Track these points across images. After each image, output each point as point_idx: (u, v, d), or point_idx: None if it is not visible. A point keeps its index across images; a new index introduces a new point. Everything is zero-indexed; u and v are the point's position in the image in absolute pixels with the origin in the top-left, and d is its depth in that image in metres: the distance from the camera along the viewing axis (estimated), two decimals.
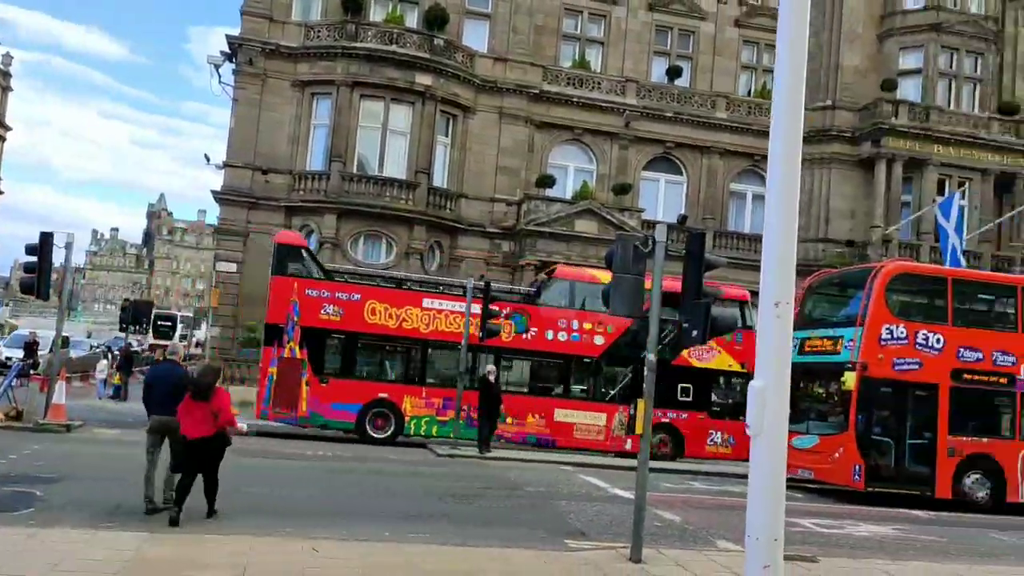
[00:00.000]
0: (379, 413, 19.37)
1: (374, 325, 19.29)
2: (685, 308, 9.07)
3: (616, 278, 9.49)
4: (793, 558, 9.42)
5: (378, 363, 20.53)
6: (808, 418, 17.54)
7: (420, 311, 19.58)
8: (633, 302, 9.53)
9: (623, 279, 9.44)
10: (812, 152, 32.97)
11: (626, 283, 9.46)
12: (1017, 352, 16.63)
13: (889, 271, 16.80)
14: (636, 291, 9.53)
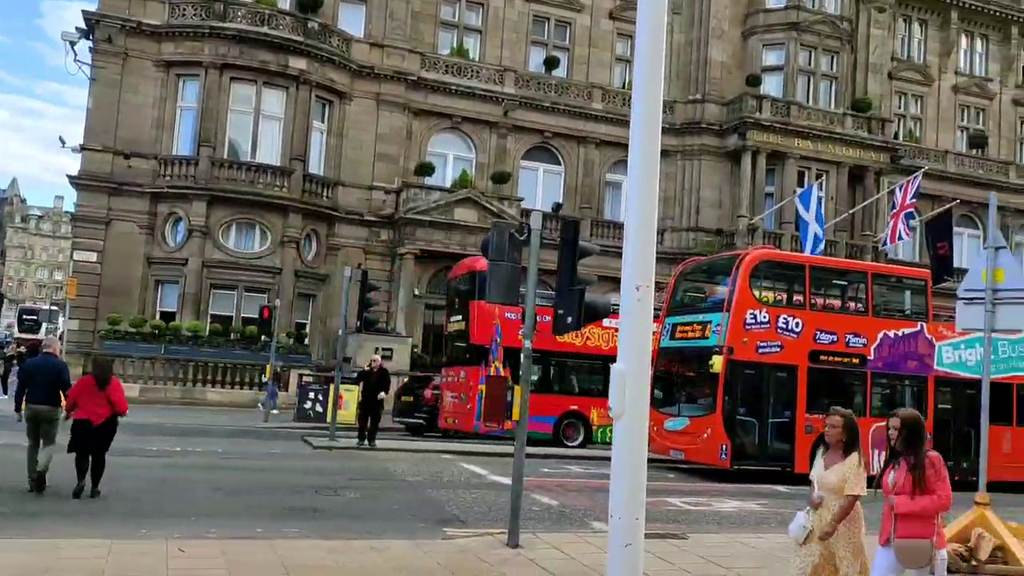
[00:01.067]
0: (570, 424, 20.85)
1: (563, 344, 19.19)
2: (560, 295, 9.18)
3: (492, 266, 9.51)
4: (664, 535, 9.74)
5: (568, 378, 21.79)
6: (680, 401, 18.17)
7: (601, 330, 19.90)
8: (509, 289, 9.58)
9: (499, 267, 9.47)
10: (683, 144, 34.16)
11: (502, 270, 9.49)
12: (868, 334, 17.71)
13: (752, 258, 17.55)
14: (512, 279, 9.58)
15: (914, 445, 5.43)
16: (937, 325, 18.36)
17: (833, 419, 5.86)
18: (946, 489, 5.33)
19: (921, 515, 5.26)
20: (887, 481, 5.47)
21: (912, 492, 5.30)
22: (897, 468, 5.45)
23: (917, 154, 36.95)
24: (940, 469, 5.38)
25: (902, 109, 38.32)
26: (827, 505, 5.67)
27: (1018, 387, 18.72)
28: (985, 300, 9.49)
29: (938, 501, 5.30)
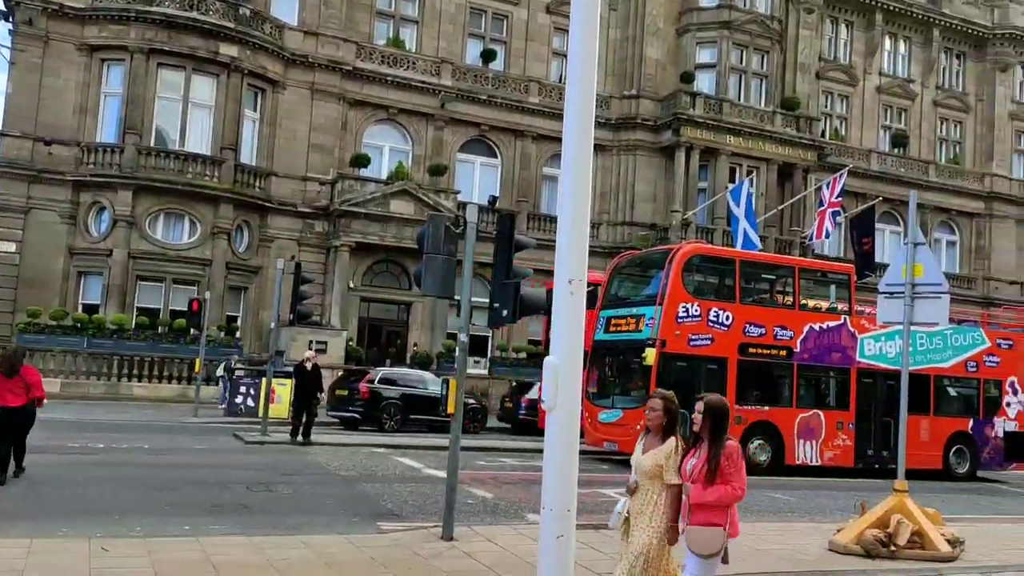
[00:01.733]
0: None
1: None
2: (495, 288, 9.19)
3: (427, 258, 9.47)
4: (597, 526, 9.86)
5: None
6: (614, 393, 18.39)
7: None
8: (444, 282, 9.55)
9: (434, 259, 9.43)
10: (619, 139, 34.52)
11: (437, 263, 9.46)
12: (794, 327, 18.20)
13: (685, 253, 17.85)
14: (448, 271, 9.56)
15: (717, 433, 5.24)
16: (860, 318, 18.96)
17: (653, 402, 5.61)
18: (741, 480, 5.22)
19: (715, 505, 5.13)
20: (685, 468, 5.27)
21: (707, 481, 5.15)
22: (698, 455, 5.26)
23: (843, 152, 38.03)
24: (737, 460, 5.23)
25: (829, 108, 39.37)
26: (642, 491, 5.44)
27: (936, 378, 19.48)
28: (904, 294, 9.83)
29: (732, 492, 5.17)
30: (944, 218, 41.10)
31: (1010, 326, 23.08)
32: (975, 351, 19.96)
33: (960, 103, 42.10)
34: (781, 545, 9.50)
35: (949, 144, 42.23)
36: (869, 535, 9.24)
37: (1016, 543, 10.67)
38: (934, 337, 18.88)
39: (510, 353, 30.95)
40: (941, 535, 9.46)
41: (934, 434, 19.25)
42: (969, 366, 19.87)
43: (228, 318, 28.68)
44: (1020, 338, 21.34)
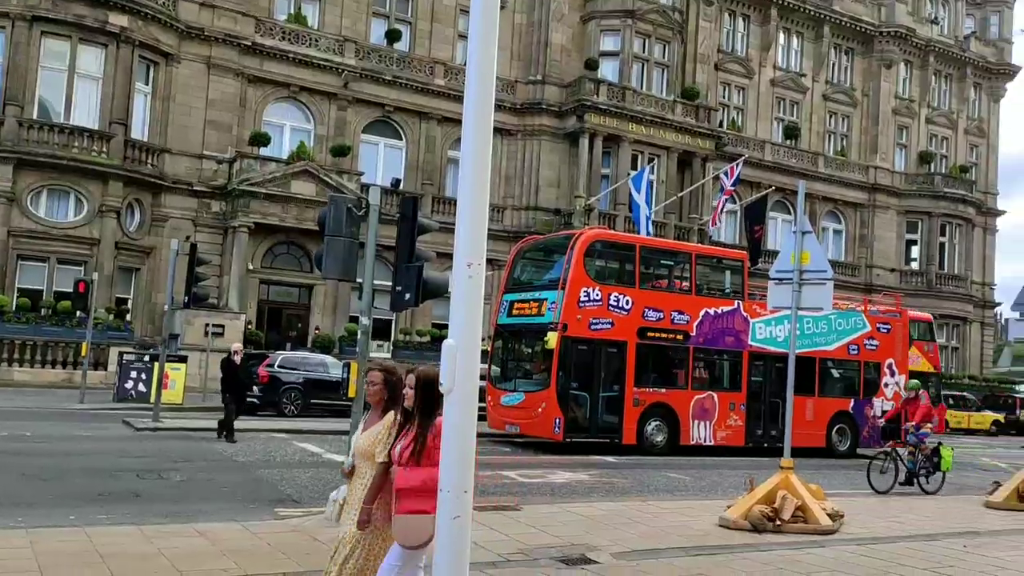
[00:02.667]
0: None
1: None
2: (398, 271, 9.14)
3: (328, 240, 9.33)
4: (499, 508, 9.98)
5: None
6: (516, 377, 18.56)
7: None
8: (346, 265, 9.43)
9: (336, 241, 9.30)
10: (524, 123, 34.67)
11: (339, 245, 9.33)
12: (691, 312, 18.76)
13: (587, 238, 18.13)
14: (349, 254, 9.44)
15: (428, 408, 4.64)
16: (752, 303, 19.69)
17: (372, 375, 5.01)
18: None
19: (423, 489, 4.44)
20: (394, 451, 4.68)
21: (415, 462, 4.56)
22: (410, 434, 4.67)
23: (739, 142, 39.28)
24: None
25: (726, 99, 40.56)
26: (359, 474, 4.88)
27: (820, 361, 20.43)
28: (793, 280, 10.27)
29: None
30: (831, 208, 43.01)
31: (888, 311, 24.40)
32: (857, 335, 21.03)
33: (848, 97, 44.02)
34: (674, 521, 9.82)
35: (837, 137, 44.15)
36: (757, 511, 9.64)
37: (890, 516, 11.34)
38: (820, 321, 19.77)
39: (414, 337, 30.82)
40: (823, 509, 9.96)
41: (818, 414, 20.21)
42: (851, 349, 20.93)
43: (118, 300, 27.52)
44: (897, 323, 22.59)
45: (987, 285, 47.35)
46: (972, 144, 48.30)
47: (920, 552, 8.90)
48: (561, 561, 7.55)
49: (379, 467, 4.74)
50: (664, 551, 8.23)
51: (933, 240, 43.99)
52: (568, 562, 7.54)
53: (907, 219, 44.39)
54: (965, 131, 47.76)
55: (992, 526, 10.91)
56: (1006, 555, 8.98)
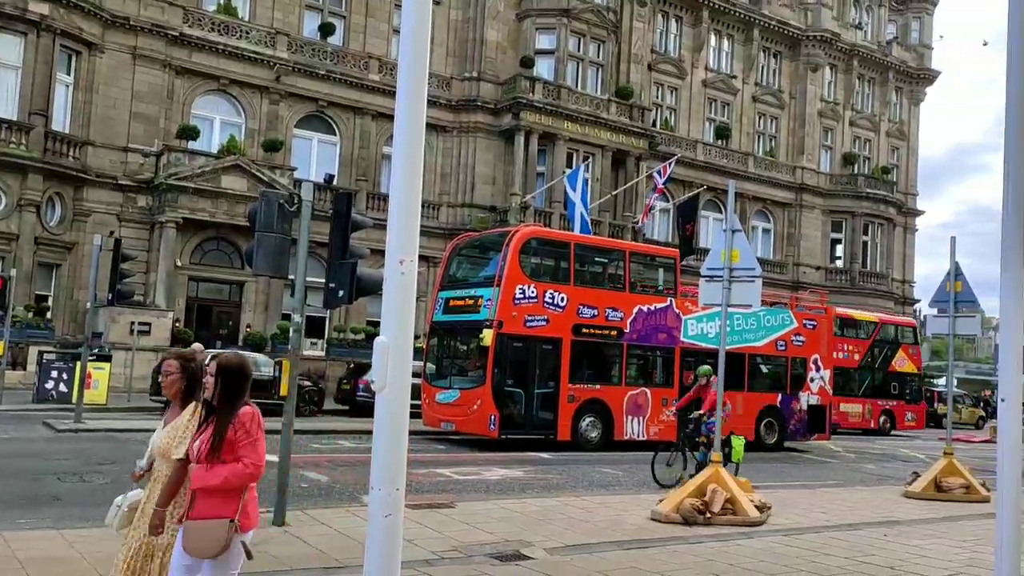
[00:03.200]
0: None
1: None
2: (332, 268, 9.02)
3: (259, 237, 9.15)
4: (433, 505, 9.96)
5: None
6: (451, 374, 18.53)
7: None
8: (277, 262, 9.26)
9: (267, 237, 9.13)
10: (459, 120, 34.57)
11: (270, 241, 9.16)
12: (625, 309, 18.99)
13: (522, 235, 18.20)
14: (281, 250, 9.27)
15: (229, 398, 4.18)
16: (684, 300, 20.03)
17: (167, 364, 4.61)
18: (257, 454, 4.14)
19: (222, 489, 4.03)
20: (192, 446, 4.18)
21: (212, 459, 4.06)
22: (208, 428, 4.18)
23: (672, 142, 39.87)
24: (253, 429, 4.17)
25: (660, 99, 41.12)
26: (160, 477, 4.38)
27: (750, 357, 20.90)
28: (723, 278, 10.49)
29: (243, 471, 4.07)
30: (760, 207, 43.99)
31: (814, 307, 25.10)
32: (784, 331, 21.59)
33: (776, 100, 45.08)
34: (608, 516, 9.94)
35: (766, 138, 45.18)
36: (688, 504, 9.83)
37: (815, 507, 11.67)
38: (749, 318, 20.25)
39: (348, 334, 30.47)
40: (751, 501, 10.20)
41: (747, 408, 20.67)
42: (779, 345, 21.47)
43: (37, 298, 26.53)
44: (822, 319, 23.26)
45: (907, 283, 49.07)
46: (893, 146, 49.97)
47: (843, 541, 9.18)
48: (495, 558, 7.57)
49: (175, 465, 4.25)
50: (598, 545, 8.32)
51: (857, 239, 45.37)
52: (502, 558, 7.56)
53: (832, 218, 45.67)
54: (887, 133, 49.38)
55: (911, 515, 11.33)
56: (924, 543, 9.33)
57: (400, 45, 2.87)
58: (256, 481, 4.17)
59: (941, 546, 9.16)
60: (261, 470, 4.14)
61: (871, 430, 30.30)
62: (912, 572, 7.81)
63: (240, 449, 4.10)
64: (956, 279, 13.61)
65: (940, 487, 13.19)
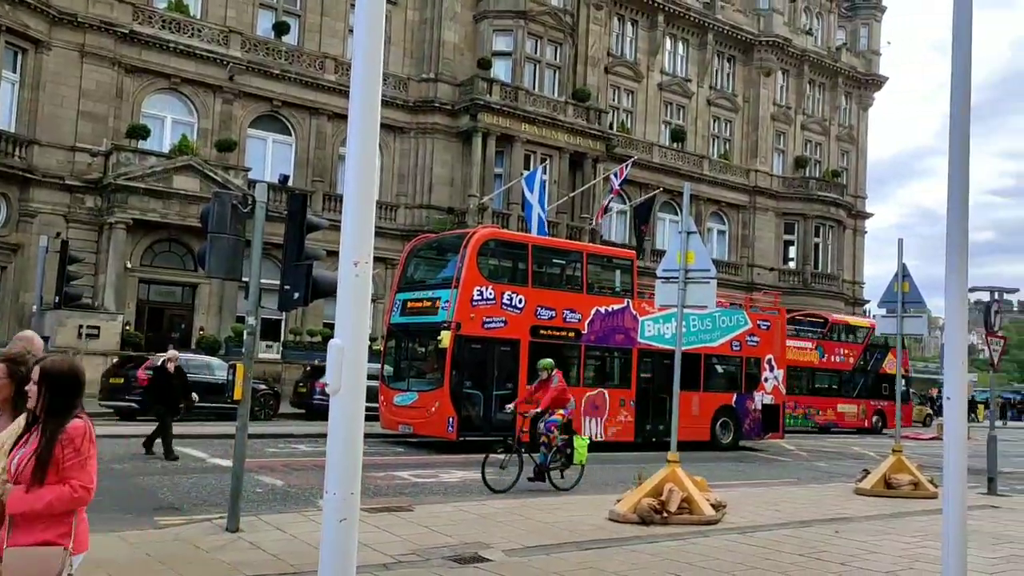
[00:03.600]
0: None
1: None
2: (287, 270, 8.92)
3: (212, 238, 9.01)
4: (391, 509, 9.89)
5: None
6: (409, 376, 18.45)
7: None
8: (230, 263, 9.13)
9: (219, 239, 8.99)
10: (417, 121, 34.46)
11: (223, 243, 9.02)
12: (582, 310, 19.08)
13: (480, 237, 18.19)
14: (234, 252, 9.15)
15: (56, 410, 3.63)
16: (641, 301, 20.18)
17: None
18: (87, 475, 3.59)
19: (47, 514, 3.51)
20: (11, 462, 3.60)
21: (35, 480, 3.50)
22: (31, 442, 3.62)
23: (628, 144, 40.18)
24: (84, 447, 3.61)
25: (616, 102, 41.41)
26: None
27: (705, 357, 21.14)
28: (679, 279, 10.58)
29: (71, 495, 3.53)
30: (715, 209, 44.55)
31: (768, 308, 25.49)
32: (739, 332, 21.89)
33: (730, 103, 45.70)
34: (566, 517, 9.96)
35: (721, 141, 45.77)
36: (645, 504, 9.89)
37: (769, 505, 11.84)
38: (705, 319, 20.48)
39: (304, 337, 30.16)
40: (707, 500, 10.31)
41: (703, 408, 20.91)
42: (734, 345, 21.76)
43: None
44: (776, 319, 23.63)
45: (857, 283, 50.08)
46: (843, 150, 50.97)
47: (796, 538, 9.33)
48: (454, 560, 7.54)
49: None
50: (556, 546, 8.34)
51: (808, 241, 46.18)
52: (461, 561, 7.54)
53: (785, 220, 46.43)
54: (837, 137, 50.36)
55: (861, 512, 11.54)
56: (874, 539, 9.51)
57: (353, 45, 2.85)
58: (86, 505, 3.63)
59: (890, 542, 9.35)
60: (91, 494, 3.60)
61: (864, 429, 31.33)
62: (862, 568, 7.96)
63: (68, 470, 3.55)
64: (903, 280, 13.91)
65: (889, 484, 13.47)
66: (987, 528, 10.53)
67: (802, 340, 32.13)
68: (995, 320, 17.67)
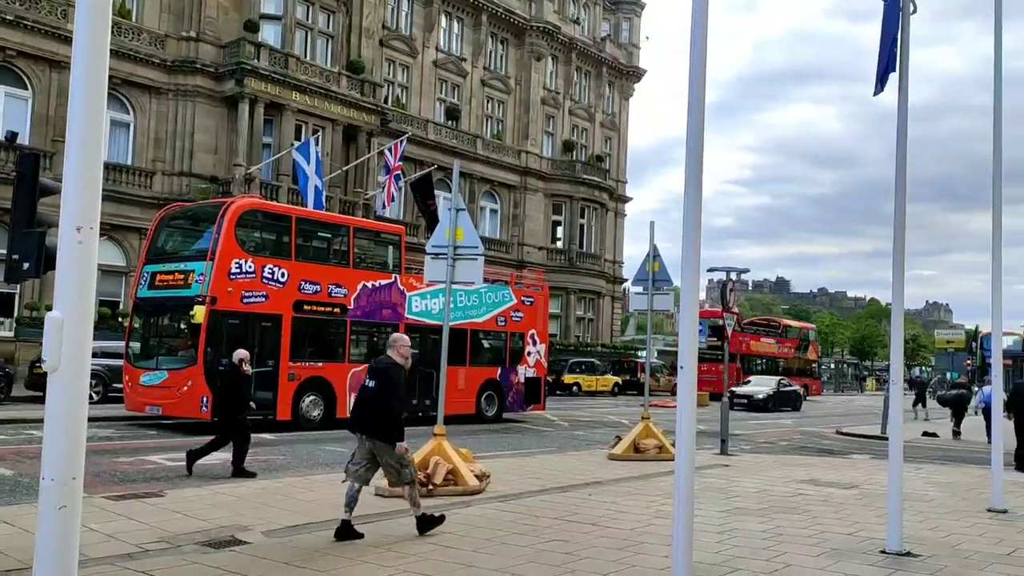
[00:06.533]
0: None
1: None
2: (15, 237, 8.02)
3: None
4: (139, 495, 9.28)
5: None
6: (159, 354, 17.36)
7: None
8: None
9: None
10: (176, 82, 32.19)
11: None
12: (349, 285, 18.81)
13: (239, 207, 17.36)
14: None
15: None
16: (409, 277, 20.25)
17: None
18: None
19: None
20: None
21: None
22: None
23: (403, 120, 40.00)
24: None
25: (391, 76, 41.03)
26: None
27: (472, 332, 21.63)
28: (448, 256, 10.73)
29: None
30: (488, 188, 45.58)
31: (533, 285, 26.54)
32: (504, 307, 22.60)
33: (503, 85, 46.80)
34: (330, 495, 9.83)
35: (494, 121, 46.80)
36: None
37: (530, 473, 12.39)
38: (471, 295, 20.94)
39: (43, 312, 27.35)
40: (471, 471, 10.59)
41: (469, 382, 21.41)
42: (499, 321, 22.45)
43: None
44: (539, 296, 24.66)
45: (617, 263, 53.41)
46: (607, 136, 53.96)
47: (553, 503, 9.84)
48: (208, 545, 7.21)
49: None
50: (318, 525, 8.20)
51: (575, 221, 48.51)
52: (216, 545, 7.22)
53: (553, 201, 48.42)
54: (601, 124, 53.19)
55: (612, 475, 12.39)
56: (622, 500, 10.25)
57: (76, 15, 2.58)
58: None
59: (635, 502, 10.11)
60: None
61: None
62: (610, 526, 8.55)
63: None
64: (654, 260, 15.00)
65: (638, 448, 14.54)
66: (719, 484, 11.69)
67: (769, 338, 50.76)
68: (731, 298, 19.55)
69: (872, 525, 8.84)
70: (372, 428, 7.60)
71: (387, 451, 7.65)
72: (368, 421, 7.62)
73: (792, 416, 33.37)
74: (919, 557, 7.44)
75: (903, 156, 8.36)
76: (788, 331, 53.55)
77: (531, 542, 7.70)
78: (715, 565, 6.91)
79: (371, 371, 7.93)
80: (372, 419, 7.59)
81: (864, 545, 7.91)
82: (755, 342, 49.45)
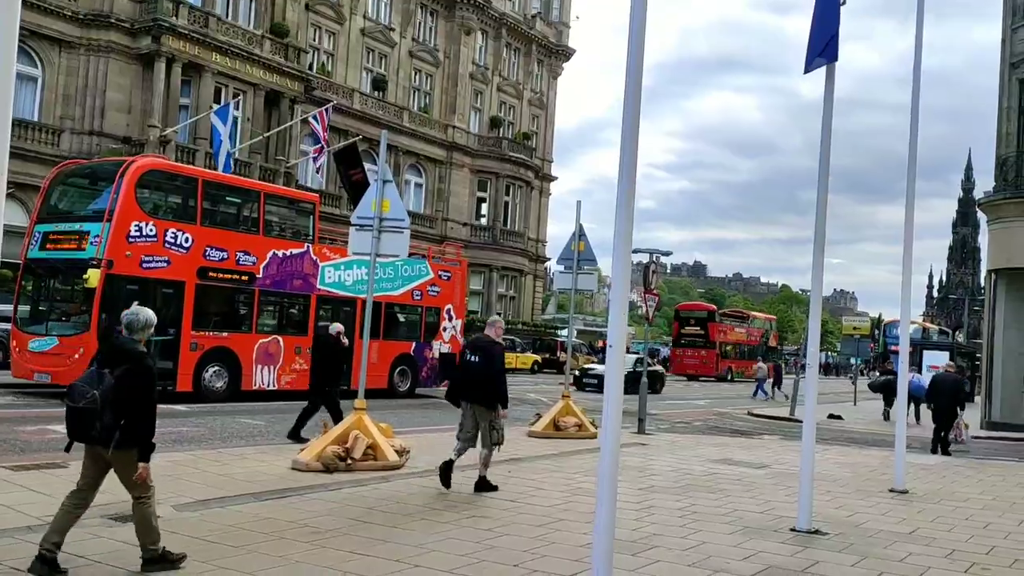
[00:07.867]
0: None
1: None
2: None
3: None
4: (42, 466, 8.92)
5: None
6: (49, 319, 16.63)
7: None
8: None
9: None
10: (88, 37, 30.71)
11: None
12: (258, 253, 18.26)
13: (140, 167, 16.64)
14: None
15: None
16: (322, 247, 19.81)
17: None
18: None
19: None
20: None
21: None
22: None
23: (328, 88, 39.08)
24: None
25: (317, 42, 39.98)
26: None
27: (387, 306, 21.31)
28: (373, 227, 10.52)
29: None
30: (414, 161, 45.05)
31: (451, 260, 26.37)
32: (421, 281, 22.36)
33: (432, 57, 46.17)
34: (246, 468, 9.60)
35: (421, 94, 46.18)
36: (330, 451, 9.83)
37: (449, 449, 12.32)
38: (387, 267, 20.60)
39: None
40: (391, 446, 10.48)
41: (382, 357, 21.08)
42: (415, 295, 22.20)
43: None
44: (457, 271, 24.49)
45: (540, 241, 53.60)
46: (534, 115, 53.89)
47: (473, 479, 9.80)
48: (113, 519, 6.93)
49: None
50: (233, 498, 7.99)
51: (500, 199, 48.41)
52: (122, 519, 6.93)
53: (479, 178, 48.17)
54: (529, 102, 53.07)
55: (532, 452, 12.44)
56: (540, 477, 10.30)
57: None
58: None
59: (554, 479, 10.18)
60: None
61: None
62: (529, 503, 8.57)
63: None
64: (579, 240, 15.07)
65: (558, 426, 14.66)
66: (635, 463, 11.87)
67: (741, 328, 57.85)
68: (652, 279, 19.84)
69: (783, 504, 9.11)
70: (480, 396, 8.91)
71: (489, 415, 8.89)
72: (476, 389, 8.92)
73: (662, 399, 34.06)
74: (827, 535, 7.70)
75: (827, 147, 8.54)
76: (754, 321, 61.92)
77: (451, 518, 7.66)
78: (634, 542, 7.00)
79: (473, 347, 9.22)
80: (479, 388, 8.90)
81: (775, 523, 8.14)
82: (731, 331, 56.64)
